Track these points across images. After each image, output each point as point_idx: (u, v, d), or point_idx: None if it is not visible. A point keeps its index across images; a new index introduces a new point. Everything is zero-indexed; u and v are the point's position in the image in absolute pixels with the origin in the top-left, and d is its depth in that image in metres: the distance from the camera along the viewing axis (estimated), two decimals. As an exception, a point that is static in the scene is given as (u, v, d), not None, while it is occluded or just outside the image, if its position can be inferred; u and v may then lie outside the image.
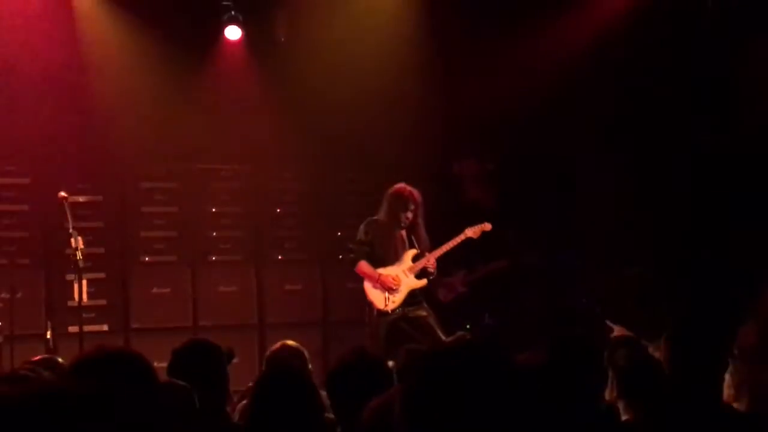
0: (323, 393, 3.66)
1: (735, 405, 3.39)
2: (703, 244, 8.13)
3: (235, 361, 4.28)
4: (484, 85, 9.15)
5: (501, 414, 1.73)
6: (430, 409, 1.75)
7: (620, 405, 3.19)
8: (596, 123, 9.13)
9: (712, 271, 7.85)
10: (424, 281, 7.69)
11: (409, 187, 7.59)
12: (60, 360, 4.55)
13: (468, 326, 9.27)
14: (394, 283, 7.58)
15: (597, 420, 2.63)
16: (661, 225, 8.60)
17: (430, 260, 7.62)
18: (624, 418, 3.06)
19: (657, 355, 3.66)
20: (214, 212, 9.43)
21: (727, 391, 3.46)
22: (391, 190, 7.64)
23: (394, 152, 9.19)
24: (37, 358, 4.62)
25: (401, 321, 7.58)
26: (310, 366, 4.87)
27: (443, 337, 7.51)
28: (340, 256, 9.42)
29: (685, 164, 8.57)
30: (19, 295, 8.13)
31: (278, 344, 5.07)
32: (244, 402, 4.94)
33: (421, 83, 9.47)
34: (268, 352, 5.27)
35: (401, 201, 7.55)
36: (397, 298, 7.62)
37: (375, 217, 7.73)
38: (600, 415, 2.72)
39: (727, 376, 3.42)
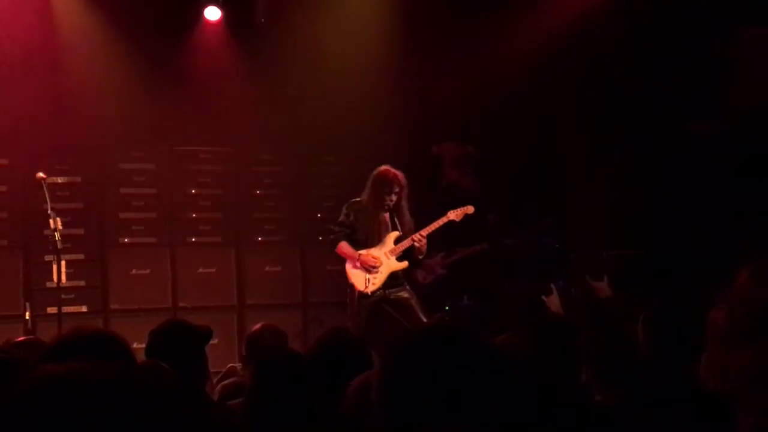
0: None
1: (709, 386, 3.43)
2: (684, 226, 8.18)
3: (214, 342, 4.28)
4: (464, 67, 9.16)
5: (478, 395, 1.74)
6: (406, 391, 1.76)
7: (595, 386, 3.22)
8: (578, 105, 9.16)
9: (692, 253, 7.90)
10: (405, 263, 7.68)
11: (393, 170, 7.56)
12: (43, 341, 4.54)
13: (447, 308, 9.32)
14: (375, 262, 7.57)
15: (573, 400, 2.66)
16: (642, 207, 8.64)
17: (419, 237, 7.53)
18: (598, 398, 3.10)
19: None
20: (193, 194, 9.41)
21: (703, 373, 3.49)
22: (375, 172, 7.61)
23: (374, 134, 9.19)
24: (21, 338, 4.61)
25: (383, 302, 7.57)
26: (288, 345, 4.87)
27: (424, 319, 7.53)
28: (320, 238, 9.43)
29: (667, 145, 8.61)
30: (-3, 276, 8.10)
31: (258, 325, 5.08)
32: (225, 382, 4.97)
33: (401, 64, 9.47)
34: (248, 333, 5.28)
35: (385, 183, 7.52)
36: (378, 280, 7.61)
37: (357, 199, 7.71)
38: (576, 395, 2.76)
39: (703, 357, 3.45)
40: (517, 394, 1.84)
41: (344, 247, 7.69)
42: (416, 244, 7.54)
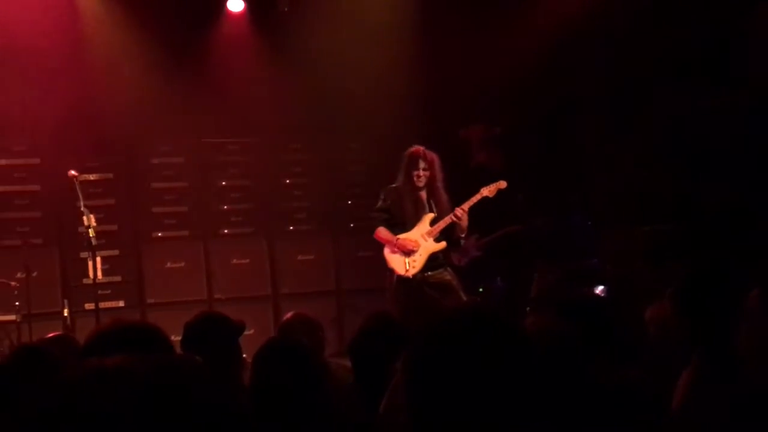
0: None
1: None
2: (713, 203, 8.10)
3: (249, 332, 4.32)
4: (489, 48, 9.11)
5: (504, 378, 1.74)
6: (431, 373, 1.76)
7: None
8: (603, 83, 9.08)
9: (724, 230, 7.83)
10: (443, 244, 7.65)
11: (421, 148, 7.57)
12: (73, 337, 4.61)
13: (480, 290, 9.31)
14: (413, 245, 7.56)
15: (604, 381, 2.66)
16: (671, 184, 8.57)
17: (460, 211, 7.48)
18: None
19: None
20: (223, 185, 9.48)
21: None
22: (405, 153, 7.65)
23: (400, 119, 9.18)
24: (51, 335, 4.68)
25: (424, 285, 7.55)
26: (321, 334, 4.90)
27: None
28: (351, 225, 9.46)
29: (692, 123, 8.52)
30: (34, 274, 8.21)
31: (290, 314, 5.11)
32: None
33: (425, 48, 9.44)
34: (280, 323, 5.32)
35: (412, 160, 7.54)
36: (418, 263, 7.58)
37: (393, 185, 7.72)
38: (607, 376, 2.76)
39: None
40: (544, 378, 1.83)
41: (382, 232, 7.69)
42: (456, 220, 7.48)
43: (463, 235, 7.76)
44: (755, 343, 3.02)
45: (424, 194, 7.66)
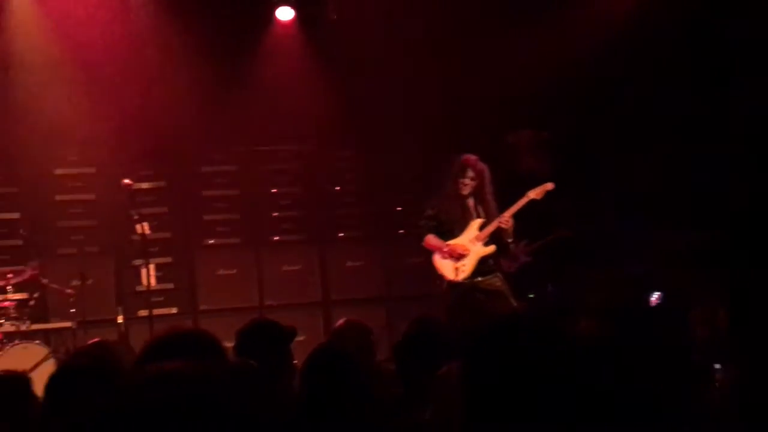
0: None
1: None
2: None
3: (301, 338, 4.36)
4: (537, 53, 9.07)
5: (556, 383, 1.75)
6: (487, 380, 1.78)
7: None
8: (651, 84, 8.99)
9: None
10: (492, 247, 7.63)
11: (472, 157, 7.57)
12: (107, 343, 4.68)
13: (531, 295, 9.26)
14: (463, 249, 7.55)
15: (652, 384, 2.64)
16: (724, 187, 8.45)
17: (503, 218, 7.49)
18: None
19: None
20: (274, 193, 9.54)
21: None
22: (454, 160, 7.66)
23: (449, 125, 9.18)
24: (91, 342, 4.74)
25: (474, 291, 7.54)
26: (372, 339, 4.92)
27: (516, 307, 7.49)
28: (401, 231, 9.46)
29: (746, 125, 8.40)
30: (89, 282, 8.33)
31: (341, 321, 5.14)
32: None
33: (475, 54, 9.42)
34: (332, 329, 5.35)
35: (459, 167, 7.55)
36: (467, 267, 7.57)
37: (441, 193, 7.73)
38: (657, 379, 2.74)
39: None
40: (593, 383, 1.84)
41: (431, 239, 7.69)
42: (503, 225, 7.49)
43: (510, 240, 7.73)
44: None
45: (471, 201, 7.65)
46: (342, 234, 9.73)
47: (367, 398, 3.20)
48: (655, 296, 7.91)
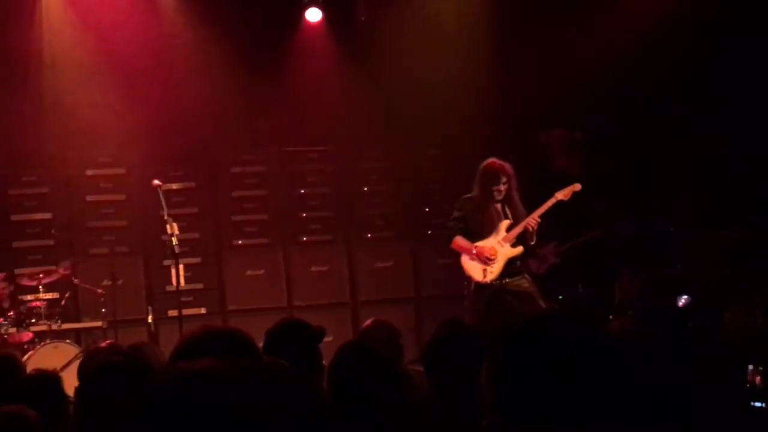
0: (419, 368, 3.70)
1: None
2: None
3: (329, 339, 4.35)
4: (570, 52, 9.02)
5: (588, 383, 1.73)
6: (515, 381, 1.76)
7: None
8: (685, 85, 8.91)
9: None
10: (520, 248, 7.60)
11: (499, 161, 7.54)
12: (141, 343, 4.70)
13: (561, 297, 9.21)
14: (491, 252, 7.54)
15: (686, 386, 2.61)
16: (754, 188, 8.37)
17: (531, 220, 7.49)
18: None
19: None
20: (302, 194, 9.56)
21: None
22: (482, 165, 7.62)
23: (478, 125, 9.16)
24: (104, 343, 4.75)
25: (503, 292, 7.50)
26: (401, 341, 4.90)
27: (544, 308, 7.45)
28: (429, 232, 9.45)
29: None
30: (120, 282, 8.40)
31: (369, 321, 5.12)
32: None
33: (504, 53, 9.40)
34: (360, 329, 5.34)
35: (492, 175, 7.52)
36: (495, 269, 7.56)
37: (468, 195, 7.72)
38: (688, 382, 2.71)
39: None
40: (629, 383, 1.82)
41: (459, 240, 7.68)
42: (531, 228, 7.48)
43: (533, 243, 7.69)
44: None
45: (499, 204, 7.64)
46: (370, 235, 9.73)
47: (396, 399, 3.19)
48: (683, 299, 7.84)
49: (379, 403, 3.15)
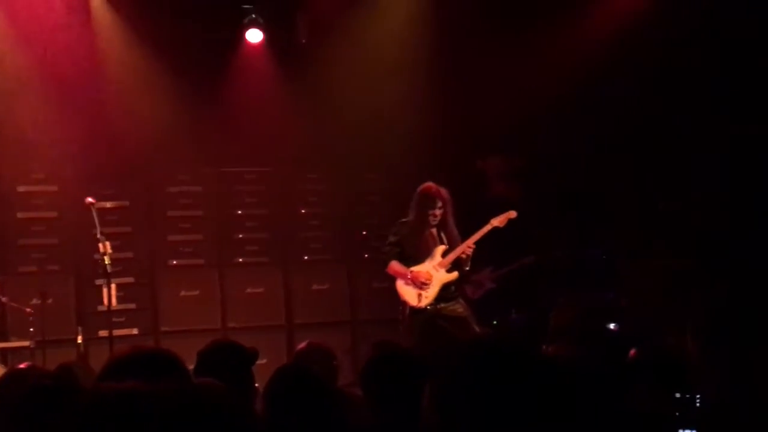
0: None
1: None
2: (737, 237, 8.03)
3: (263, 361, 4.30)
4: (508, 79, 9.12)
5: (526, 406, 1.73)
6: (457, 403, 1.76)
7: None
8: (622, 114, 9.06)
9: (738, 262, 7.78)
10: (455, 274, 7.65)
11: (435, 186, 7.59)
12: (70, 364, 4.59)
13: (495, 322, 9.26)
14: (426, 277, 7.58)
15: (623, 410, 2.63)
16: (689, 218, 8.53)
17: (466, 247, 7.53)
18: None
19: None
20: (239, 215, 9.49)
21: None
22: (418, 189, 7.66)
23: (417, 150, 9.20)
24: (23, 365, 4.62)
25: (437, 317, 7.54)
26: (335, 364, 4.87)
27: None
28: (366, 255, 9.45)
29: (716, 154, 8.49)
30: (49, 301, 8.22)
31: (304, 344, 5.09)
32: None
33: (444, 80, 9.47)
34: (294, 352, 5.29)
35: (428, 199, 7.57)
36: (430, 294, 7.60)
37: (404, 219, 7.75)
38: (626, 404, 2.73)
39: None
40: (568, 406, 1.82)
41: (395, 265, 7.72)
42: (464, 255, 7.54)
43: (467, 269, 7.74)
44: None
45: (435, 229, 7.69)
46: (307, 257, 9.69)
47: (333, 420, 3.16)
48: (611, 327, 7.92)
49: (315, 425, 3.12)
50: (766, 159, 7.94)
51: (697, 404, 3.20)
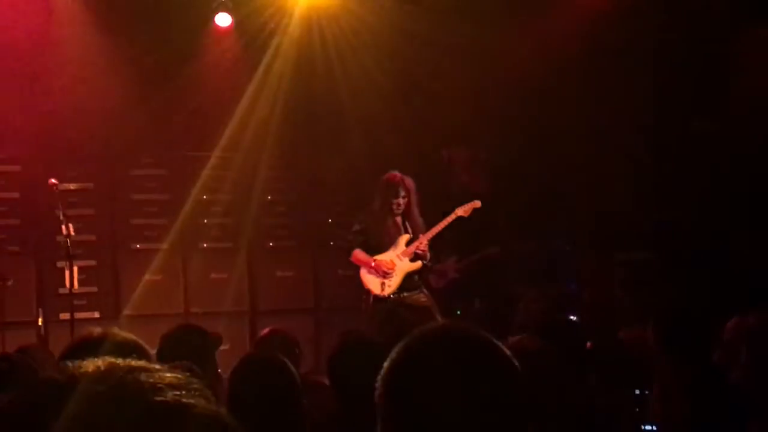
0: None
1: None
2: (698, 233, 8.13)
3: (225, 347, 4.30)
4: (473, 70, 9.16)
5: (486, 397, 1.72)
6: (410, 391, 1.73)
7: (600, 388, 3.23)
8: (588, 109, 9.13)
9: (700, 255, 7.88)
10: (419, 263, 7.70)
11: (399, 175, 7.63)
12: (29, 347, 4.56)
13: (458, 312, 9.30)
14: (389, 266, 7.61)
15: (581, 402, 2.65)
16: (654, 211, 8.62)
17: (422, 242, 7.63)
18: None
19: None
20: (204, 199, 9.43)
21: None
22: (382, 178, 7.70)
23: (383, 139, 9.20)
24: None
25: (399, 306, 7.58)
26: (298, 351, 4.88)
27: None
28: (331, 243, 9.44)
29: (680, 151, 8.59)
30: (10, 282, 8.13)
31: (266, 330, 5.09)
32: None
33: (409, 69, 9.48)
34: (257, 339, 5.29)
35: (391, 188, 7.60)
36: (393, 283, 7.64)
37: (369, 208, 7.77)
38: (584, 397, 2.75)
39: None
40: (527, 396, 1.81)
41: (358, 253, 7.74)
42: (419, 251, 7.58)
43: (426, 262, 7.78)
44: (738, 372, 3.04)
45: (399, 218, 7.72)
46: (272, 243, 9.66)
47: (299, 408, 3.16)
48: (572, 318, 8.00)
49: (281, 412, 3.12)
50: (729, 154, 8.04)
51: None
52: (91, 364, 1.34)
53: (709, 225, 8.02)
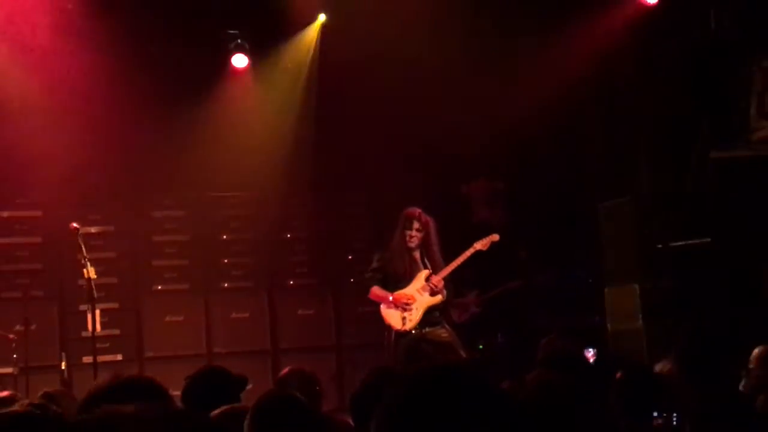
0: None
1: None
2: (721, 260, 8.08)
3: (249, 387, 4.29)
4: (492, 104, 9.17)
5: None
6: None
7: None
8: (604, 139, 9.14)
9: (723, 284, 7.83)
10: (439, 297, 7.65)
11: (418, 210, 7.63)
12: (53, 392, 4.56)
13: (481, 346, 9.26)
14: (408, 299, 7.56)
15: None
16: (670, 239, 8.57)
17: (436, 279, 7.58)
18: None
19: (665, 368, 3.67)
20: (224, 239, 9.47)
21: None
22: (401, 213, 7.71)
23: (402, 176, 9.21)
24: (3, 393, 4.58)
25: (422, 342, 7.54)
26: (318, 389, 4.85)
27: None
28: (351, 280, 9.43)
29: (698, 176, 8.57)
30: (33, 327, 8.16)
31: (286, 369, 5.07)
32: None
33: (427, 105, 9.49)
34: (277, 378, 5.27)
35: (406, 219, 7.63)
36: (414, 317, 7.58)
37: (388, 244, 7.78)
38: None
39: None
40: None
41: (376, 290, 7.71)
42: (434, 287, 7.54)
43: (443, 298, 7.72)
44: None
45: (418, 254, 7.70)
46: (292, 282, 9.67)
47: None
48: (590, 352, 7.93)
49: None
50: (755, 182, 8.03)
51: (674, 423, 3.22)
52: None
53: (733, 252, 7.97)
